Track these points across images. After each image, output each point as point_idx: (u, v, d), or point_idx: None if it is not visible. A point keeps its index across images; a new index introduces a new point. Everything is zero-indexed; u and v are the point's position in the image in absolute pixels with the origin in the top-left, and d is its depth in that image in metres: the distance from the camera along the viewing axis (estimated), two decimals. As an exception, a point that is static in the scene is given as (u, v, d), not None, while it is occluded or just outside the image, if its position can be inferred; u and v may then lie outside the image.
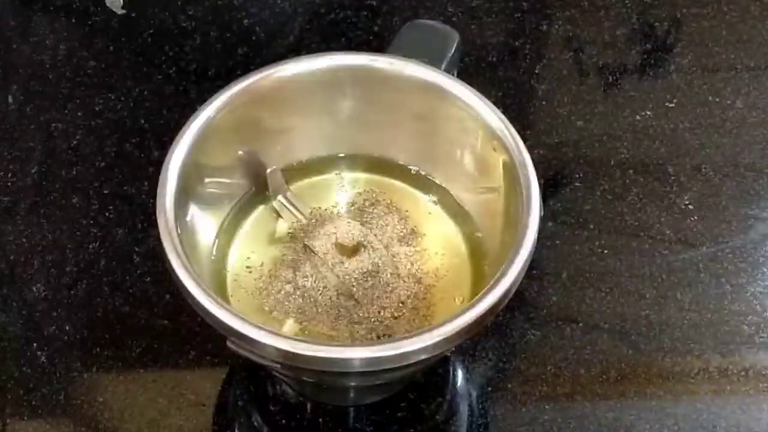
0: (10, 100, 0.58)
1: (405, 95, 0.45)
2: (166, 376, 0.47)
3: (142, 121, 0.57)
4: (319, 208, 0.46)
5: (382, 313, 0.42)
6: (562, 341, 0.48)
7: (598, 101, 0.59)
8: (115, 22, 0.62)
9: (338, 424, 0.45)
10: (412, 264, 0.43)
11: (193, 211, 0.42)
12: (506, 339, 0.48)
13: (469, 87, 0.43)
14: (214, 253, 0.44)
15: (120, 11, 0.62)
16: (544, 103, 0.59)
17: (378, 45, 0.60)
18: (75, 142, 0.56)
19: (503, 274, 0.38)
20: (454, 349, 0.43)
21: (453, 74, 0.45)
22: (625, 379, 0.47)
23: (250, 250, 0.44)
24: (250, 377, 0.47)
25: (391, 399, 0.46)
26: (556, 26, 0.63)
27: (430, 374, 0.46)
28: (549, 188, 0.54)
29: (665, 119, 0.58)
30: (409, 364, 0.37)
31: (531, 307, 0.49)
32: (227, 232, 0.45)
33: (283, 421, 0.46)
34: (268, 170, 0.45)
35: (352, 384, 0.44)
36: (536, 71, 0.60)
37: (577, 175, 0.55)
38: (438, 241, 0.45)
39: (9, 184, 0.54)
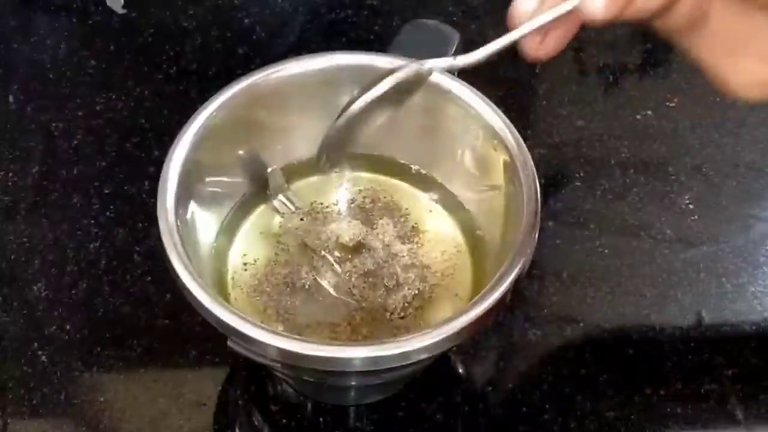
0: (11, 100, 0.58)
1: (405, 95, 0.45)
2: (167, 376, 0.47)
3: (143, 121, 0.57)
4: (320, 206, 0.46)
5: (382, 312, 0.42)
6: (562, 341, 0.48)
7: (599, 101, 0.59)
8: (116, 22, 0.62)
9: (338, 424, 0.45)
10: (413, 263, 0.43)
11: (194, 211, 0.42)
12: (506, 339, 0.48)
13: (470, 86, 0.43)
14: (214, 252, 0.44)
15: (120, 11, 0.62)
16: (544, 102, 0.59)
17: (378, 45, 0.60)
18: (75, 142, 0.56)
19: (504, 274, 0.38)
20: (454, 348, 0.43)
21: (454, 74, 0.45)
22: (625, 379, 0.47)
23: (250, 249, 0.44)
24: (250, 377, 0.47)
25: (391, 399, 0.46)
26: (557, 26, 0.62)
27: (430, 374, 0.46)
28: (549, 187, 0.54)
29: (666, 119, 0.57)
30: (409, 363, 0.37)
31: (531, 307, 0.49)
32: (227, 231, 0.45)
33: (284, 420, 0.46)
34: (269, 169, 0.45)
35: (353, 383, 0.44)
36: (536, 71, 0.60)
37: (577, 175, 0.55)
38: (438, 240, 0.45)
39: (9, 183, 0.54)
